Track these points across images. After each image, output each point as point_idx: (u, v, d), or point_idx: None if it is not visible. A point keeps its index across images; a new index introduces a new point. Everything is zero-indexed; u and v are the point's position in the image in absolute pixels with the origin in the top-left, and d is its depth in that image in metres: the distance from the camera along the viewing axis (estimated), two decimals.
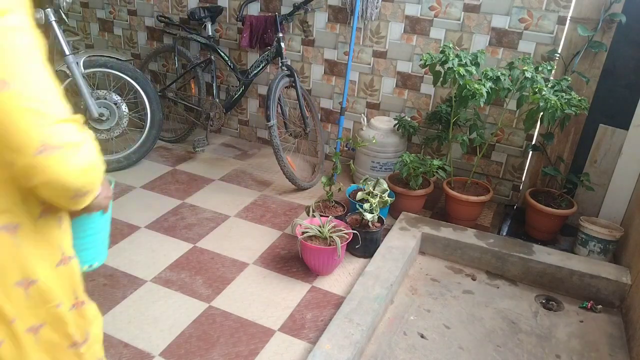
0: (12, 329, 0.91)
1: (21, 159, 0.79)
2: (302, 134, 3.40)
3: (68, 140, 0.82)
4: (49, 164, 0.80)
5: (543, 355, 2.07)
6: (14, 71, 0.78)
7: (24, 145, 0.79)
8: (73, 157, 0.83)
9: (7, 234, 0.85)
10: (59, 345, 1.01)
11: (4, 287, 0.89)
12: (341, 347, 1.87)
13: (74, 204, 0.91)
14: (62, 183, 0.83)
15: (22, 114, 0.78)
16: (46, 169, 0.80)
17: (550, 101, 2.44)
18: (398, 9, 3.10)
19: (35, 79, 0.81)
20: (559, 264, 2.44)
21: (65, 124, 0.83)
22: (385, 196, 2.62)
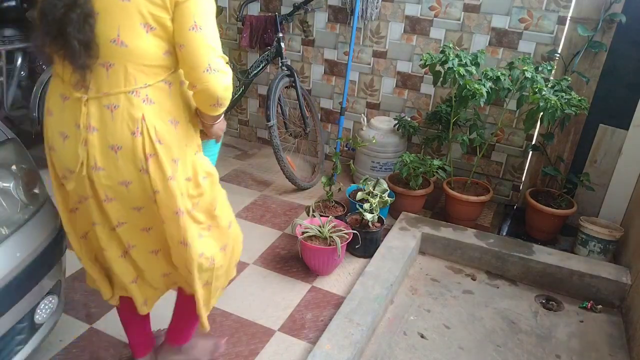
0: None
1: (195, 73, 1.28)
2: (302, 134, 3.40)
3: (222, 68, 1.30)
4: (209, 79, 1.28)
5: (543, 355, 2.07)
6: (204, 22, 1.27)
7: (200, 64, 1.27)
8: (222, 78, 1.30)
9: (172, 126, 1.35)
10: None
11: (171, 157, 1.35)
12: (341, 347, 1.87)
13: (212, 110, 1.36)
14: (212, 92, 1.30)
15: (204, 47, 1.27)
16: (206, 82, 1.28)
17: (550, 101, 2.44)
18: (398, 9, 3.10)
19: (212, 28, 1.30)
20: (559, 264, 2.44)
21: (222, 59, 1.31)
22: (385, 196, 2.62)
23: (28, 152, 1.72)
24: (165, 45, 1.29)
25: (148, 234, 1.47)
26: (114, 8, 1.22)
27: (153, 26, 1.25)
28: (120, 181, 1.34)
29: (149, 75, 1.30)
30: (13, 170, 1.60)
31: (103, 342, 1.96)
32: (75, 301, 2.15)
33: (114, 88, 1.27)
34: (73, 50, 1.22)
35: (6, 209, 1.52)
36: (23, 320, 1.56)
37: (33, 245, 1.54)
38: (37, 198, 1.65)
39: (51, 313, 1.70)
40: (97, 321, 2.05)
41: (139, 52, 1.26)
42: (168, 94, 1.34)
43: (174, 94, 1.36)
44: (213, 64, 1.28)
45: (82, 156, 1.33)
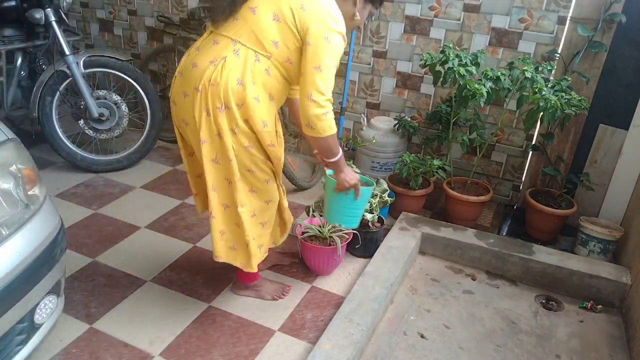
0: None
1: (301, 94, 1.69)
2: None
3: (319, 102, 1.66)
4: (307, 104, 1.67)
5: (543, 355, 2.07)
6: (324, 65, 1.67)
7: (305, 92, 1.67)
8: (316, 108, 1.67)
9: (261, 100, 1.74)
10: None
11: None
12: (341, 347, 1.87)
13: (305, 128, 1.74)
14: (304, 114, 1.69)
15: (315, 84, 1.65)
16: (305, 105, 1.68)
17: (550, 101, 2.44)
18: (398, 9, 3.10)
19: (329, 72, 1.68)
20: (559, 264, 2.44)
21: (326, 98, 1.68)
22: (385, 196, 2.62)
23: (28, 152, 1.72)
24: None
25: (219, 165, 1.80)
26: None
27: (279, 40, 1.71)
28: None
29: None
30: (13, 170, 1.60)
31: (103, 342, 1.96)
32: (75, 301, 2.15)
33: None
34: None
35: (6, 209, 1.52)
36: (23, 320, 1.56)
37: (33, 245, 1.54)
38: (37, 198, 1.65)
39: (51, 313, 1.70)
40: (97, 321, 2.05)
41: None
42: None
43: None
44: (314, 96, 1.65)
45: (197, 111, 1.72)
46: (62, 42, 3.03)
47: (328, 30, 1.65)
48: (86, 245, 2.53)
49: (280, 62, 1.72)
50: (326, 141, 1.75)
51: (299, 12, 1.65)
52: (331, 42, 1.65)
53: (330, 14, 1.66)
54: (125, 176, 3.27)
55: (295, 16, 1.65)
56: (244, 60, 1.67)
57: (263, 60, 1.69)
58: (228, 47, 1.68)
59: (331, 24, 1.66)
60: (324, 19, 1.65)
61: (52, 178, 3.16)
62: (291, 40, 1.68)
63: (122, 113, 3.26)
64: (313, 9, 1.65)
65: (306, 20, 1.64)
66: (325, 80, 1.66)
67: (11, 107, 3.29)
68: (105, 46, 4.22)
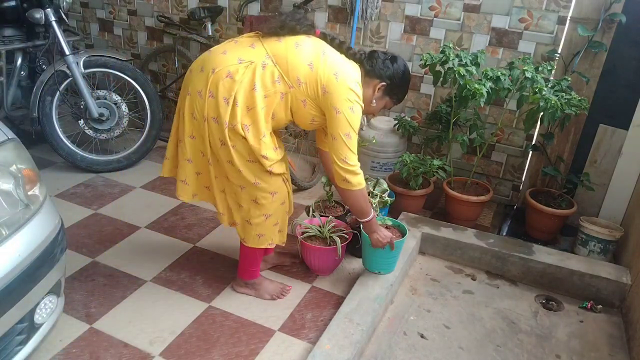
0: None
1: (334, 154, 1.88)
2: (302, 134, 3.40)
3: (351, 163, 1.88)
4: (342, 166, 1.87)
5: (543, 355, 2.07)
6: (352, 125, 1.83)
7: (341, 154, 1.86)
8: (350, 168, 1.88)
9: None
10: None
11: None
12: (341, 347, 1.87)
13: (340, 183, 1.92)
14: (339, 172, 1.89)
15: (350, 144, 1.85)
16: (340, 165, 1.87)
17: (550, 101, 2.44)
18: (398, 9, 3.10)
19: (356, 135, 1.86)
20: (559, 264, 2.44)
21: (356, 161, 1.89)
22: (385, 196, 2.62)
23: (28, 152, 1.72)
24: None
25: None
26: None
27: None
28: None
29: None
30: (13, 171, 1.60)
31: (103, 342, 1.96)
32: (75, 301, 2.15)
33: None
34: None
35: (6, 209, 1.52)
36: (23, 320, 1.56)
37: (33, 245, 1.54)
38: (37, 198, 1.65)
39: (51, 313, 1.70)
40: (97, 321, 2.05)
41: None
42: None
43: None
44: (348, 160, 1.86)
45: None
46: (62, 42, 3.03)
47: (353, 102, 1.81)
48: (86, 245, 2.53)
49: (296, 98, 1.84)
50: (358, 198, 1.96)
51: (330, 77, 1.80)
52: (354, 112, 1.82)
53: (357, 91, 1.83)
54: (125, 176, 3.27)
55: (326, 80, 1.80)
56: (266, 75, 1.79)
57: (283, 85, 1.81)
58: (260, 57, 1.80)
59: (355, 98, 1.82)
60: (352, 92, 1.81)
61: (52, 178, 3.16)
62: (313, 90, 1.82)
63: (122, 113, 3.26)
64: (344, 81, 1.80)
65: (334, 86, 1.80)
66: (353, 145, 1.86)
67: (11, 107, 3.29)
68: (105, 46, 4.22)
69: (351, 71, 1.86)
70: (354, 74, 1.86)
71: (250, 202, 1.96)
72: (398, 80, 1.98)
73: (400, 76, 1.98)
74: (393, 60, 1.97)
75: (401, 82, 1.99)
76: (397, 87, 2.00)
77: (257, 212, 1.98)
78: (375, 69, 1.94)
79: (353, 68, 1.89)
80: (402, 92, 2.05)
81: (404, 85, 2.02)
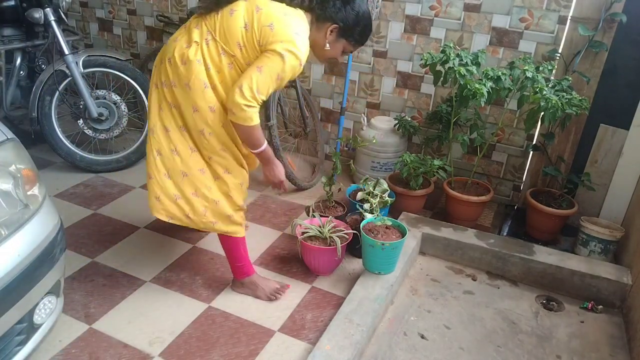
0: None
1: (237, 81, 1.83)
2: (302, 134, 3.39)
3: (244, 93, 1.79)
4: (235, 92, 1.79)
5: (544, 355, 2.07)
6: (274, 68, 1.80)
7: (241, 80, 1.80)
8: (238, 96, 1.78)
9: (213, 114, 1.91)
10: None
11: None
12: (341, 348, 1.87)
13: (229, 114, 1.86)
14: (231, 99, 1.81)
15: (255, 78, 1.79)
16: (233, 91, 1.80)
17: (551, 101, 2.44)
18: (398, 8, 3.09)
19: (272, 77, 1.81)
20: (559, 264, 2.43)
21: (252, 95, 1.79)
22: (385, 196, 2.62)
23: (27, 152, 1.71)
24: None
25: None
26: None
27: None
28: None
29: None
30: (12, 171, 1.59)
31: (102, 342, 1.95)
32: (75, 301, 2.14)
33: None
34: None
35: (5, 209, 1.52)
36: (22, 321, 1.56)
37: (32, 245, 1.53)
38: (36, 198, 1.64)
39: (50, 313, 1.70)
40: (97, 322, 2.05)
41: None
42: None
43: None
44: (244, 88, 1.78)
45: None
46: (61, 41, 3.02)
47: (286, 50, 1.78)
48: (85, 245, 2.53)
49: (242, 63, 1.86)
50: (247, 131, 1.87)
51: (264, 29, 1.79)
52: (285, 59, 1.79)
53: (295, 40, 1.79)
54: (125, 176, 3.26)
55: (262, 33, 1.80)
56: (211, 50, 1.85)
57: (227, 56, 1.85)
58: (203, 35, 1.85)
59: (292, 48, 1.79)
60: (288, 42, 1.79)
61: (52, 178, 3.15)
62: (252, 50, 1.84)
63: (121, 113, 3.25)
64: (281, 30, 1.79)
65: (272, 38, 1.78)
66: (260, 81, 1.78)
67: (10, 106, 3.28)
68: (104, 46, 4.21)
69: (289, 20, 1.82)
70: (293, 23, 1.82)
71: (215, 180, 2.01)
72: (352, 21, 1.90)
73: (353, 16, 1.90)
74: (346, 2, 1.90)
75: (355, 22, 1.91)
76: (351, 28, 1.92)
77: (221, 189, 2.02)
78: (326, 12, 1.89)
79: (294, 17, 1.84)
80: (359, 33, 1.96)
81: (359, 25, 1.93)
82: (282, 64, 1.79)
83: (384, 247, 2.21)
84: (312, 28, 1.91)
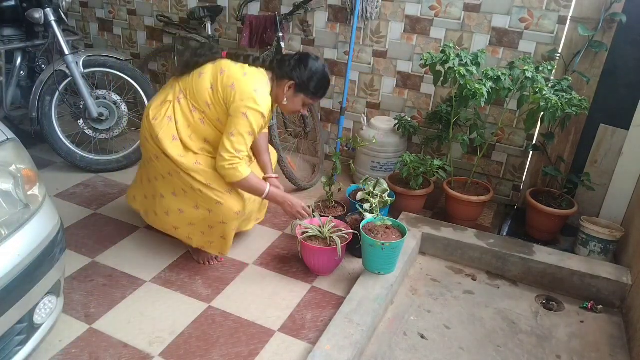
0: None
1: (220, 147, 2.07)
2: (302, 134, 3.39)
3: (226, 158, 2.05)
4: (217, 158, 2.07)
5: (543, 355, 2.07)
6: (242, 128, 2.04)
7: (220, 149, 2.06)
8: (221, 162, 2.06)
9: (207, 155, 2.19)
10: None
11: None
12: (341, 348, 1.87)
13: (224, 179, 2.12)
14: (216, 164, 2.09)
15: (229, 142, 2.04)
16: (217, 158, 2.08)
17: (550, 101, 2.44)
18: (398, 8, 3.09)
19: (244, 135, 2.05)
20: (559, 264, 2.44)
21: (231, 155, 2.05)
22: (385, 196, 2.62)
23: (27, 152, 1.71)
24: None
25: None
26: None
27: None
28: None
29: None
30: (12, 171, 1.59)
31: (102, 342, 1.95)
32: (75, 301, 2.14)
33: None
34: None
35: (5, 209, 1.52)
36: (22, 321, 1.56)
37: (32, 245, 1.53)
38: (36, 198, 1.64)
39: (50, 313, 1.70)
40: (97, 321, 2.05)
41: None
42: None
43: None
44: (222, 153, 2.05)
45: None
46: (61, 41, 3.02)
47: (247, 108, 2.02)
48: (86, 245, 2.53)
49: (212, 119, 2.12)
50: (242, 184, 2.13)
51: (227, 90, 2.05)
52: (249, 117, 2.03)
53: (254, 97, 2.03)
54: (125, 176, 3.26)
55: (225, 93, 2.05)
56: (183, 107, 2.12)
57: (198, 112, 2.12)
58: (176, 94, 2.14)
59: (252, 104, 2.03)
60: (248, 99, 2.02)
61: (52, 178, 3.15)
62: (220, 107, 2.09)
63: (121, 113, 3.25)
64: (241, 90, 2.04)
65: (233, 99, 2.03)
66: (234, 142, 2.04)
67: (10, 107, 3.28)
68: (104, 46, 4.21)
69: (248, 79, 2.06)
70: (252, 81, 2.06)
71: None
72: (306, 77, 2.11)
73: (307, 73, 2.11)
74: (300, 60, 2.13)
75: (309, 77, 2.12)
76: (306, 84, 2.13)
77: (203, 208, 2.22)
78: (283, 70, 2.13)
79: (253, 75, 2.09)
80: (315, 88, 2.16)
81: (312, 80, 2.13)
82: (247, 122, 2.03)
83: (384, 247, 2.21)
84: (274, 85, 2.16)
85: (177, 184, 2.18)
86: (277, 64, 2.16)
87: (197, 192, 2.16)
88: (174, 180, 2.18)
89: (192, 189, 2.15)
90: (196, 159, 2.14)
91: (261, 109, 2.05)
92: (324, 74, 2.17)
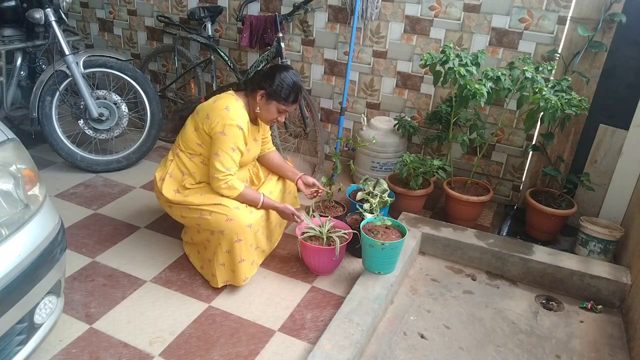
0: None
1: (210, 169, 2.22)
2: (302, 134, 3.40)
3: (219, 177, 2.18)
4: (211, 180, 2.22)
5: (543, 355, 2.07)
6: (224, 146, 2.17)
7: (210, 170, 2.22)
8: (215, 182, 2.20)
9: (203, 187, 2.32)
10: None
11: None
12: (341, 348, 1.87)
13: (222, 196, 2.24)
14: (211, 184, 2.23)
15: (217, 162, 2.18)
16: (211, 179, 2.22)
17: (550, 101, 2.44)
18: (398, 8, 3.10)
19: (228, 151, 2.18)
20: (559, 264, 2.44)
21: (224, 174, 2.18)
22: (385, 196, 2.62)
23: (28, 152, 1.71)
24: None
25: None
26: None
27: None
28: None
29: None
30: (13, 171, 1.60)
31: (103, 342, 1.96)
32: (75, 301, 2.15)
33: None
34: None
35: (6, 209, 1.52)
36: (23, 321, 1.56)
37: (33, 245, 1.54)
38: (36, 198, 1.65)
39: (51, 313, 1.70)
40: (97, 321, 2.05)
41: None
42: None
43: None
44: (214, 174, 2.18)
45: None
46: (61, 42, 3.03)
47: (223, 125, 2.15)
48: (86, 245, 2.53)
49: (206, 156, 2.26)
50: (239, 199, 2.24)
51: (205, 122, 2.20)
52: (227, 134, 2.15)
53: (226, 114, 2.16)
54: (125, 176, 3.26)
55: (204, 126, 2.20)
56: (183, 159, 2.29)
57: (196, 156, 2.28)
58: (175, 149, 2.34)
59: (227, 121, 2.15)
60: (221, 118, 2.16)
61: (52, 178, 3.16)
62: (209, 141, 2.23)
63: (121, 113, 3.26)
64: (214, 114, 2.18)
65: (211, 124, 2.18)
66: (221, 161, 2.17)
67: (11, 107, 3.28)
68: (105, 46, 4.22)
69: (219, 103, 2.19)
70: (223, 103, 2.19)
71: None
72: (275, 84, 2.20)
73: (275, 80, 2.20)
74: (269, 70, 2.26)
75: (278, 85, 2.20)
76: (275, 91, 2.21)
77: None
78: (254, 83, 2.26)
79: (221, 99, 2.22)
80: (285, 94, 2.23)
81: (282, 86, 2.21)
82: (226, 138, 2.15)
83: (384, 247, 2.21)
84: (249, 99, 2.28)
85: (192, 220, 2.29)
86: (249, 80, 2.34)
87: (206, 217, 2.23)
88: (189, 218, 2.30)
89: (202, 218, 2.24)
90: (200, 192, 2.29)
91: (235, 122, 2.16)
92: (292, 80, 2.24)
